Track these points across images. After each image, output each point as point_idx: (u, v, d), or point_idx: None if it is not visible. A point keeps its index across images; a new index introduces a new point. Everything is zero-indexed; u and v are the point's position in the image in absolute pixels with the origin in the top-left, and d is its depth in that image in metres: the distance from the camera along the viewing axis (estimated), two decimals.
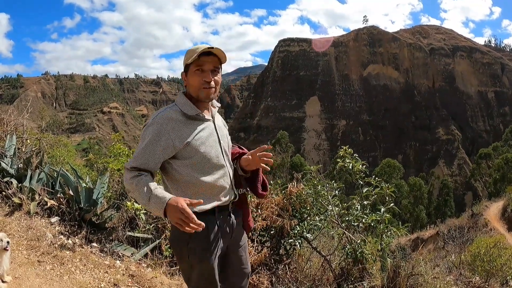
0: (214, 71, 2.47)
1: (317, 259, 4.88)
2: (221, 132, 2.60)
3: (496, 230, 23.53)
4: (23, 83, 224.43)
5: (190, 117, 2.43)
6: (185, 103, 2.45)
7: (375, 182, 4.68)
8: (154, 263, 4.57)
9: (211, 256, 2.50)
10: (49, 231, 4.80)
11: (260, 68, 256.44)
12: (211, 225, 2.48)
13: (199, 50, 2.37)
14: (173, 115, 2.40)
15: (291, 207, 4.74)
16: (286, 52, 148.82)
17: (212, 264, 2.52)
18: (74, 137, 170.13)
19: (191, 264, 2.50)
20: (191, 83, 2.45)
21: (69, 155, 11.71)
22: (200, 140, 2.43)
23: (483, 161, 67.95)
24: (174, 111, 2.42)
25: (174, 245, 2.60)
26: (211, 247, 2.50)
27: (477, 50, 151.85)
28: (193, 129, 2.42)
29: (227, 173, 2.57)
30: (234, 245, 2.71)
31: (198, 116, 2.45)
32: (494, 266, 7.24)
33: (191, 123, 2.43)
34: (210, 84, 2.44)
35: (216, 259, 2.54)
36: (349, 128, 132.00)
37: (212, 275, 2.54)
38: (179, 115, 2.41)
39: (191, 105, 2.45)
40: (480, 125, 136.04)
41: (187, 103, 2.46)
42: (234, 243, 2.71)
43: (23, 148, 7.34)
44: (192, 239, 2.41)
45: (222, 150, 2.56)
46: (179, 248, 2.54)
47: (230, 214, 2.63)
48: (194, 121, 2.45)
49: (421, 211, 54.21)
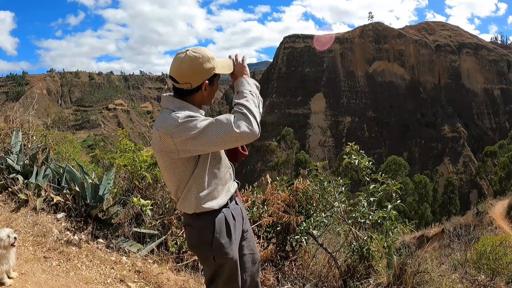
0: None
1: (323, 256, 4.88)
2: None
3: (502, 228, 23.48)
4: (28, 81, 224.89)
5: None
6: (188, 107, 2.47)
7: (382, 179, 4.66)
8: (160, 259, 4.57)
9: (234, 251, 2.57)
10: (55, 227, 4.80)
11: (265, 65, 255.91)
12: (229, 218, 2.55)
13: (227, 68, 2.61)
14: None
15: (297, 203, 4.74)
16: (291, 48, 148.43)
17: (237, 259, 2.59)
18: (80, 133, 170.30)
19: (219, 263, 2.55)
20: (214, 93, 2.58)
21: (75, 151, 11.74)
22: None
23: (488, 159, 67.84)
24: (184, 111, 2.43)
25: (197, 248, 2.64)
26: (234, 241, 2.57)
27: (483, 47, 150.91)
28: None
29: (228, 164, 2.67)
30: (244, 232, 2.78)
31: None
32: (499, 265, 7.22)
33: None
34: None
35: (236, 251, 2.60)
36: (354, 125, 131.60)
37: (237, 271, 2.62)
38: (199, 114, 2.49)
39: (194, 107, 2.49)
40: (486, 122, 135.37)
41: (191, 107, 2.48)
42: (244, 229, 2.77)
43: (29, 145, 7.35)
44: (215, 239, 2.48)
45: None
46: (203, 251, 2.58)
47: (236, 202, 2.70)
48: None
49: (426, 208, 54.18)
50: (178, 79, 2.45)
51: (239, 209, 2.70)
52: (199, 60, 2.42)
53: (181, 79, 2.44)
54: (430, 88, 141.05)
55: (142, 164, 5.56)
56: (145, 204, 4.95)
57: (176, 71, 2.45)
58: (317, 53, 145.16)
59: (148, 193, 5.55)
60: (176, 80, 2.47)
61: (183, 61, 2.42)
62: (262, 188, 5.34)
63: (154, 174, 5.63)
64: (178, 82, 2.47)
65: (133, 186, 5.64)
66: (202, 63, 2.43)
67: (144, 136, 4.57)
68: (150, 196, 5.46)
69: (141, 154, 5.68)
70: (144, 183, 5.61)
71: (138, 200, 4.96)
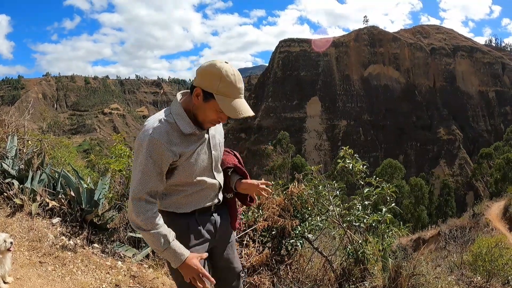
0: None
1: (319, 260, 4.88)
2: (214, 141, 2.47)
3: (498, 230, 23.54)
4: (24, 85, 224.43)
5: (185, 135, 2.26)
6: (182, 118, 2.25)
7: (376, 182, 4.68)
8: (155, 263, 4.57)
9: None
10: (50, 232, 4.80)
11: (261, 69, 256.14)
12: (192, 223, 2.47)
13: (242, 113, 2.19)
14: (164, 133, 2.19)
15: (292, 207, 4.75)
16: (287, 52, 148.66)
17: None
18: (75, 138, 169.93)
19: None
20: (206, 113, 2.23)
21: (71, 156, 11.70)
22: (191, 157, 2.31)
23: (484, 161, 68.03)
24: (166, 125, 2.21)
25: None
26: (194, 245, 2.46)
27: (477, 50, 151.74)
28: (186, 146, 2.27)
29: (214, 183, 2.51)
30: (220, 244, 2.70)
31: (195, 133, 2.29)
32: (495, 266, 7.25)
33: (185, 140, 2.27)
34: (220, 122, 2.38)
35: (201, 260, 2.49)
36: (350, 129, 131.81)
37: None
38: (173, 131, 2.23)
39: (188, 122, 2.25)
40: (481, 125, 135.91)
41: (185, 118, 2.25)
42: (220, 242, 2.70)
43: (24, 149, 7.34)
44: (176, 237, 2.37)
45: (213, 161, 2.47)
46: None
47: (212, 214, 2.60)
48: (188, 137, 2.28)
49: (422, 211, 54.22)
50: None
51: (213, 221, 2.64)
52: (220, 73, 2.14)
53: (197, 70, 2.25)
54: (426, 91, 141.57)
55: None
56: None
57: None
58: (313, 57, 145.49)
59: None
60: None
61: (211, 63, 2.19)
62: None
63: None
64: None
65: (128, 191, 5.64)
66: (213, 74, 2.16)
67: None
68: None
69: None
70: None
71: None
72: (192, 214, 2.46)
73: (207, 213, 2.56)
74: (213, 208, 2.59)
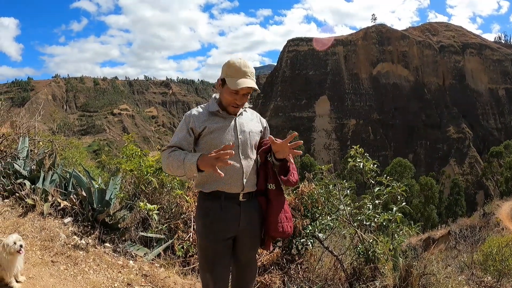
0: (246, 95, 2.77)
1: (329, 259, 4.88)
2: (242, 128, 2.84)
3: (508, 229, 23.33)
4: (33, 86, 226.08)
5: (212, 113, 2.80)
6: (212, 103, 2.86)
7: (387, 182, 4.67)
8: (167, 263, 4.58)
9: (209, 235, 2.72)
10: (62, 232, 4.83)
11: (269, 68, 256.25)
12: (215, 207, 2.72)
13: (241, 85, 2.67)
14: (199, 110, 2.85)
15: (303, 206, 4.75)
16: (295, 51, 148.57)
17: (209, 242, 2.73)
18: (85, 139, 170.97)
19: (197, 239, 2.86)
20: (225, 97, 2.77)
21: (81, 156, 11.78)
22: (213, 130, 2.73)
23: (494, 160, 67.44)
24: (202, 108, 2.87)
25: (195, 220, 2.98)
26: (211, 226, 2.72)
27: (487, 47, 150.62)
28: (212, 121, 2.76)
29: (238, 166, 2.73)
30: (242, 237, 2.84)
31: (218, 113, 2.79)
32: (506, 266, 7.17)
33: (211, 117, 2.79)
34: (238, 104, 2.78)
35: (218, 242, 2.73)
36: (359, 128, 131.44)
37: (208, 253, 2.75)
38: (204, 110, 2.84)
39: (215, 104, 2.83)
40: (491, 123, 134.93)
41: (213, 103, 2.85)
42: (243, 235, 2.83)
43: (35, 150, 7.40)
44: (200, 216, 2.77)
45: (240, 145, 2.78)
46: (196, 223, 2.91)
47: (240, 204, 2.76)
48: (214, 116, 2.79)
49: (432, 210, 53.82)
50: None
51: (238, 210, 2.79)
52: (228, 62, 2.78)
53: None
54: (435, 89, 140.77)
55: (148, 169, 5.59)
56: (151, 208, 4.98)
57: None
58: (321, 56, 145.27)
59: (154, 198, 5.57)
60: None
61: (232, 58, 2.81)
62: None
63: (160, 179, 5.66)
64: None
65: (139, 190, 5.67)
66: (224, 65, 2.80)
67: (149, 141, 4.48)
68: (157, 201, 5.49)
69: (147, 159, 5.71)
70: (150, 187, 5.63)
71: (144, 204, 4.99)
72: (218, 198, 2.73)
73: (233, 200, 2.75)
74: (241, 198, 2.76)
